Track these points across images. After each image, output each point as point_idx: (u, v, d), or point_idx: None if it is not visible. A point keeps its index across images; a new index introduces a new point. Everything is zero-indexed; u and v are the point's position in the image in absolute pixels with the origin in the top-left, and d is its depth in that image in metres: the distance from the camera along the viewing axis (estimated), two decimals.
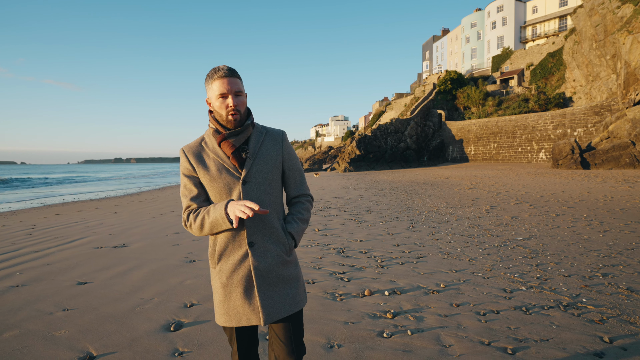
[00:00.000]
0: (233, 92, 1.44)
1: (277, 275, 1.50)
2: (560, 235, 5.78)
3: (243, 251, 1.48)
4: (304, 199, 1.66)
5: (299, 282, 1.57)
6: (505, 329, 2.77)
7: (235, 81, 1.45)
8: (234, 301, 1.47)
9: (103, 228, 8.34)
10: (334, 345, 2.61)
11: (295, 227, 1.57)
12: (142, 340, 2.80)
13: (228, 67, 1.47)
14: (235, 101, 1.45)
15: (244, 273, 1.47)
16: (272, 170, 1.54)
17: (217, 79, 1.44)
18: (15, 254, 5.92)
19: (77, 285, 4.18)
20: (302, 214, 1.62)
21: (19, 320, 3.24)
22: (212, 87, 1.46)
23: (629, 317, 2.87)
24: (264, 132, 1.58)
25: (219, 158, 1.50)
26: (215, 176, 1.48)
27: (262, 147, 1.54)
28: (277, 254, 1.51)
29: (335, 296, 3.54)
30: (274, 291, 1.49)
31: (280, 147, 1.58)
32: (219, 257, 1.50)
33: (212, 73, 1.46)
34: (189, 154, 1.53)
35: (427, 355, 2.43)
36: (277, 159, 1.56)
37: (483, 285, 3.72)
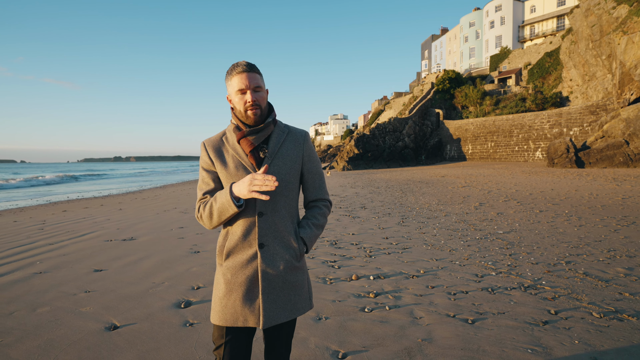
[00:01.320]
0: (252, 87, 1.43)
1: (283, 280, 1.48)
2: (538, 229, 6.23)
3: (253, 251, 1.46)
4: (321, 203, 1.62)
5: (303, 289, 1.54)
6: (470, 305, 3.22)
7: (254, 76, 1.44)
8: (233, 300, 1.46)
9: (110, 223, 8.78)
10: (322, 317, 3.06)
11: (309, 233, 1.53)
12: (157, 314, 3.24)
13: (247, 63, 1.45)
14: (254, 96, 1.43)
15: (249, 273, 1.46)
16: (290, 172, 1.51)
17: (235, 75, 1.43)
18: (31, 246, 6.36)
19: (94, 272, 4.63)
20: (317, 219, 1.57)
21: (48, 299, 3.69)
22: (231, 83, 1.45)
23: (577, 295, 3.32)
24: (285, 132, 1.55)
25: (238, 155, 1.49)
26: (233, 173, 1.48)
27: (282, 147, 1.52)
28: (287, 259, 1.48)
29: (326, 280, 3.99)
30: (278, 295, 1.47)
31: (302, 149, 1.55)
32: (227, 254, 1.49)
33: (231, 69, 1.46)
34: (209, 148, 1.52)
35: (400, 324, 2.88)
36: (296, 160, 1.53)
37: (458, 271, 4.17)
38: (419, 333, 2.74)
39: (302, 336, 2.74)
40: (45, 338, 2.85)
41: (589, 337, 2.58)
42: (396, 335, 2.70)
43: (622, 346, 2.45)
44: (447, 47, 61.16)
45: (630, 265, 4.16)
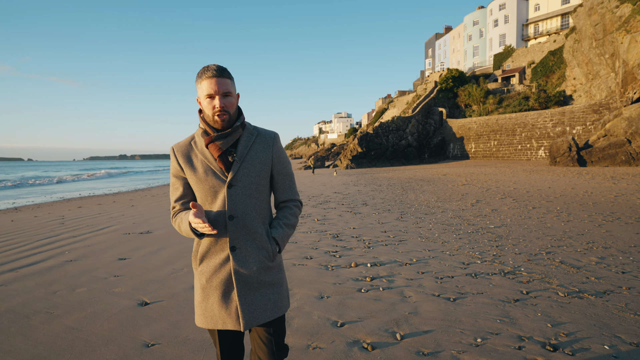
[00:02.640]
0: (221, 92, 1.42)
1: (258, 281, 1.49)
2: (527, 224, 6.65)
3: (225, 255, 1.47)
4: (292, 204, 1.64)
5: (281, 287, 1.56)
6: (454, 287, 3.67)
7: (224, 82, 1.42)
8: (211, 304, 1.48)
9: (125, 218, 9.31)
10: (324, 296, 3.53)
11: (280, 233, 1.55)
12: (180, 294, 3.73)
13: (218, 67, 1.43)
14: (223, 102, 1.43)
15: (223, 277, 1.47)
16: (260, 175, 1.52)
17: (205, 79, 1.42)
18: (57, 238, 6.90)
19: (119, 260, 5.14)
20: (288, 219, 1.60)
21: (83, 282, 4.20)
22: (200, 86, 1.44)
23: (549, 279, 3.76)
24: (254, 134, 1.55)
25: (207, 160, 1.49)
26: (202, 178, 1.48)
27: (251, 150, 1.52)
28: (259, 260, 1.49)
29: (328, 267, 4.46)
30: (255, 296, 1.48)
31: (271, 151, 1.56)
32: (200, 258, 1.51)
33: (201, 72, 1.44)
34: (178, 153, 1.52)
35: (391, 302, 3.35)
36: (266, 162, 1.54)
37: (447, 260, 4.62)
38: (406, 308, 3.20)
39: (307, 310, 3.21)
40: (88, 311, 3.35)
41: (550, 311, 3.02)
42: (387, 310, 3.17)
43: (576, 317, 2.89)
44: (450, 46, 61.24)
45: (603, 255, 4.59)
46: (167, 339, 2.78)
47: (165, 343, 2.71)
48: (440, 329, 2.79)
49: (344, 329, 2.84)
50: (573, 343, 2.51)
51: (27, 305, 3.53)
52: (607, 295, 3.30)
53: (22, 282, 4.25)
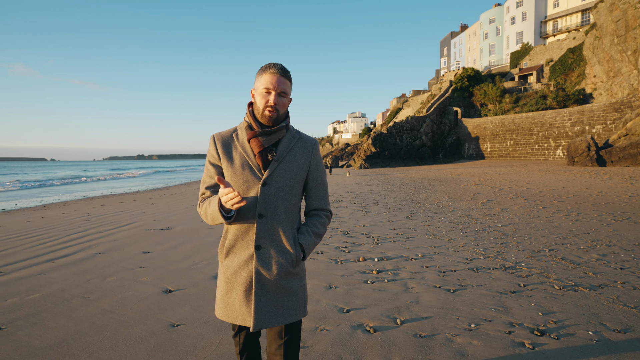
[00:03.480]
0: (278, 90, 1.45)
1: (277, 285, 1.48)
2: (535, 223, 6.76)
3: (250, 252, 1.48)
4: (322, 213, 1.63)
5: (298, 296, 1.54)
6: (455, 280, 3.89)
7: (284, 81, 1.46)
8: (233, 299, 1.49)
9: (146, 216, 9.78)
10: (333, 287, 3.81)
11: (308, 240, 1.54)
12: (201, 283, 4.07)
13: (283, 67, 1.48)
14: (277, 100, 1.45)
15: (247, 274, 1.48)
16: (295, 178, 1.52)
17: (268, 73, 1.45)
18: (84, 233, 7.38)
19: (143, 254, 5.53)
20: (317, 228, 1.58)
21: (112, 272, 4.59)
22: (261, 79, 1.47)
23: (547, 274, 3.94)
24: (296, 138, 1.57)
25: (246, 154, 1.50)
26: (238, 171, 1.49)
27: (290, 152, 1.53)
28: (282, 263, 1.49)
29: (337, 261, 4.73)
30: (270, 299, 1.47)
31: (310, 157, 1.57)
32: (227, 252, 1.52)
33: (266, 67, 1.47)
34: (218, 142, 1.53)
35: (395, 292, 3.59)
36: (303, 167, 1.54)
37: (452, 255, 4.83)
38: (408, 298, 3.44)
39: (316, 298, 3.49)
40: (119, 297, 3.71)
41: (543, 302, 3.22)
42: (390, 299, 3.42)
43: (567, 307, 3.08)
44: (466, 44, 60.51)
45: (605, 252, 4.71)
46: (190, 320, 3.10)
47: (188, 324, 3.03)
48: (438, 316, 3.02)
49: (349, 315, 3.11)
50: (560, 329, 2.72)
51: (65, 291, 3.92)
52: (601, 289, 3.46)
53: (58, 272, 4.67)
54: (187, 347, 2.65)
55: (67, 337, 2.85)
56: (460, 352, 2.47)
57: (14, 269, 4.83)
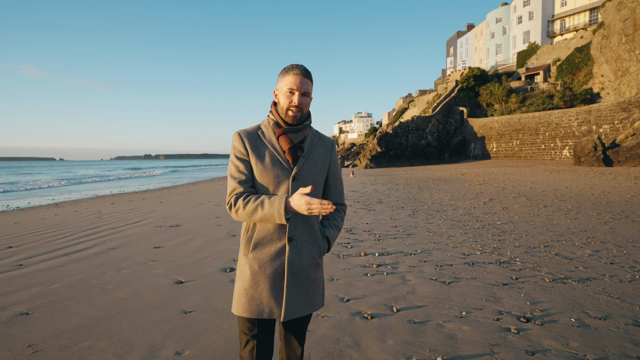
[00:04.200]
0: (302, 90, 1.51)
1: (306, 276, 1.54)
2: (534, 221, 6.91)
3: (281, 244, 1.51)
4: (341, 207, 1.73)
5: (320, 286, 1.62)
6: (451, 273, 4.08)
7: (306, 82, 1.53)
8: (260, 292, 1.50)
9: (156, 214, 10.08)
10: (335, 279, 4.02)
11: (332, 233, 1.64)
12: (210, 275, 4.31)
13: (305, 68, 1.54)
14: (301, 100, 1.51)
15: (277, 266, 1.51)
16: (319, 174, 1.60)
17: (292, 74, 1.51)
18: (97, 230, 7.68)
19: (154, 249, 5.79)
20: (338, 222, 1.69)
21: (126, 265, 4.85)
22: (284, 80, 1.53)
23: (540, 268, 4.12)
24: (317, 136, 1.66)
25: (275, 150, 1.55)
26: (268, 167, 1.53)
27: (314, 149, 1.61)
28: (312, 255, 1.56)
29: (340, 256, 4.94)
30: (299, 290, 1.53)
31: (330, 154, 1.66)
32: (254, 245, 1.53)
33: (289, 68, 1.53)
34: (245, 138, 1.57)
35: (393, 284, 3.80)
36: (325, 164, 1.63)
37: (450, 251, 5.02)
38: (405, 289, 3.65)
39: None
40: (134, 287, 3.97)
41: (532, 293, 3.40)
42: (388, 290, 3.63)
43: (554, 298, 3.27)
44: (473, 44, 60.30)
45: (599, 248, 4.87)
46: (201, 308, 3.34)
47: (199, 311, 3.27)
48: (432, 305, 3.22)
49: (349, 304, 3.32)
50: (545, 316, 2.90)
51: (83, 282, 4.19)
52: (589, 282, 3.64)
53: (76, 265, 4.94)
54: (198, 331, 2.88)
55: (89, 322, 3.10)
56: (450, 336, 2.67)
57: (34, 262, 5.11)
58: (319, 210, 1.36)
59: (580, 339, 2.54)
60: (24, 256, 5.47)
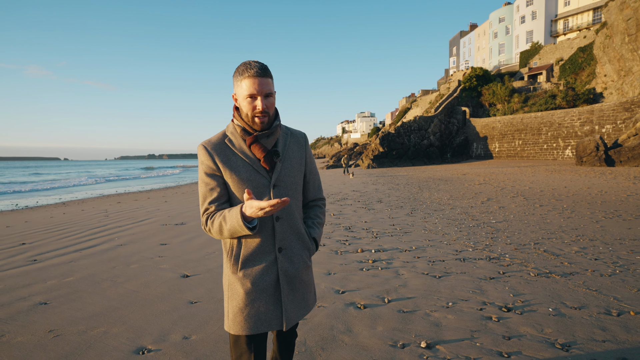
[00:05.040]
0: (263, 93, 1.38)
1: (300, 280, 1.52)
2: (528, 220, 7.11)
3: (271, 257, 1.46)
4: (321, 202, 1.68)
5: (312, 286, 1.61)
6: (442, 268, 4.30)
7: (266, 82, 1.38)
8: (257, 307, 1.45)
9: (161, 212, 10.35)
10: (332, 273, 4.25)
11: (318, 232, 1.60)
12: (215, 270, 4.55)
13: (260, 66, 1.38)
14: (265, 103, 1.39)
15: (271, 279, 1.46)
16: (298, 175, 1.53)
17: (247, 78, 1.36)
18: (105, 228, 7.95)
19: (160, 246, 6.05)
20: (320, 219, 1.65)
21: (135, 260, 5.11)
22: (241, 84, 1.38)
23: (527, 264, 4.33)
24: (288, 134, 1.56)
25: (248, 160, 1.44)
26: (245, 179, 1.43)
27: (288, 150, 1.52)
28: (303, 260, 1.53)
29: (337, 252, 5.17)
30: (295, 296, 1.51)
31: (304, 151, 1.58)
32: (243, 262, 1.46)
33: (242, 69, 1.38)
34: (213, 152, 1.44)
35: (386, 277, 4.03)
36: (301, 162, 1.55)
37: (443, 248, 5.23)
38: (397, 282, 3.87)
39: (316, 282, 3.94)
40: (142, 280, 4.22)
41: (517, 286, 3.62)
42: (381, 283, 3.85)
43: (536, 290, 3.48)
44: (475, 44, 60.29)
45: (586, 246, 5.07)
46: (206, 299, 3.58)
47: (204, 301, 3.51)
48: (421, 296, 3.45)
49: (344, 295, 3.55)
50: (525, 307, 3.12)
51: (95, 275, 4.45)
52: (572, 276, 3.84)
53: (87, 260, 5.21)
54: (204, 319, 3.12)
55: (103, 310, 3.35)
56: (435, 323, 2.89)
57: (47, 258, 5.39)
58: (272, 211, 1.24)
59: (554, 326, 2.75)
60: (37, 252, 5.74)
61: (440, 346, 2.54)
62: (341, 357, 2.46)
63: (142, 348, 2.66)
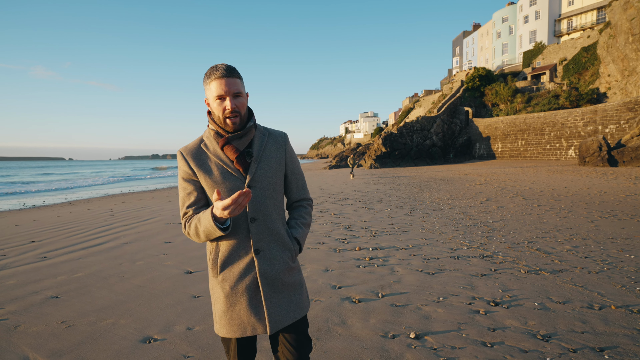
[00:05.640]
0: (231, 93, 1.40)
1: (282, 282, 1.49)
2: (524, 220, 7.23)
3: (248, 259, 1.46)
4: (305, 203, 1.66)
5: (302, 288, 1.57)
6: (436, 265, 4.45)
7: (234, 82, 1.40)
8: (238, 311, 1.45)
9: (165, 211, 10.55)
10: (329, 270, 4.42)
11: (300, 233, 1.57)
12: None
13: (227, 66, 1.41)
14: (234, 103, 1.40)
15: (249, 282, 1.45)
16: (276, 175, 1.53)
17: (214, 79, 1.39)
18: (111, 227, 8.16)
19: (165, 244, 6.24)
20: (305, 219, 1.62)
21: (140, 257, 5.30)
22: (209, 87, 1.41)
23: (519, 261, 4.47)
24: (266, 135, 1.56)
25: (222, 162, 1.46)
26: (219, 181, 1.45)
27: (265, 150, 1.52)
28: (284, 261, 1.50)
29: (336, 250, 5.33)
30: (279, 298, 1.48)
31: (284, 151, 1.57)
32: (221, 265, 1.47)
33: (209, 73, 1.41)
34: (189, 157, 1.47)
35: (382, 274, 4.18)
36: (280, 162, 1.55)
37: (439, 246, 5.38)
38: (392, 278, 4.03)
39: (314, 278, 4.11)
40: (148, 276, 4.40)
41: (507, 282, 3.76)
42: (376, 279, 4.01)
43: (524, 286, 3.62)
44: (479, 44, 60.21)
45: (578, 244, 5.19)
46: (208, 293, 3.75)
47: (207, 296, 3.69)
48: (414, 292, 3.60)
49: (340, 290, 3.71)
50: (512, 301, 3.27)
51: (103, 271, 4.64)
52: (561, 273, 3.98)
53: (94, 257, 5.40)
54: (207, 311, 3.29)
55: (111, 303, 3.54)
56: (425, 316, 3.05)
57: (56, 255, 5.59)
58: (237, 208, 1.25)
59: (537, 319, 2.90)
60: (46, 249, 5.95)
61: (428, 337, 2.69)
62: (335, 346, 2.62)
63: (149, 337, 2.83)
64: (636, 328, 2.68)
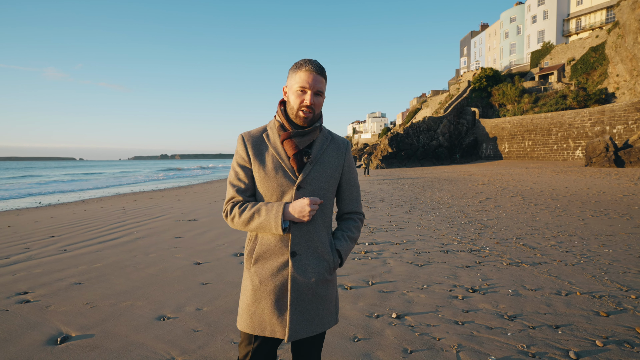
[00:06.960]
0: (315, 89, 1.40)
1: (314, 293, 1.43)
2: (518, 218, 7.51)
3: (284, 259, 1.41)
4: (356, 216, 1.58)
5: (332, 303, 1.50)
6: (426, 258, 4.78)
7: (320, 80, 1.41)
8: (262, 308, 1.42)
9: (174, 210, 11.01)
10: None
11: (345, 246, 1.49)
12: (223, 259, 5.12)
13: (319, 64, 1.42)
14: (313, 99, 1.40)
15: (279, 282, 1.41)
16: (330, 181, 1.48)
17: (304, 71, 1.39)
18: (124, 223, 8.62)
19: (175, 238, 6.66)
20: (352, 232, 1.54)
21: (153, 250, 5.72)
22: (295, 76, 1.41)
23: (504, 255, 4.78)
24: (329, 138, 1.53)
25: (279, 156, 1.44)
26: (271, 174, 1.42)
27: (324, 153, 1.48)
28: (319, 271, 1.43)
29: None
30: (306, 308, 1.42)
31: (343, 158, 1.53)
32: (256, 258, 1.44)
33: (301, 63, 1.41)
34: (249, 143, 1.46)
35: (374, 265, 4.53)
36: (337, 169, 1.50)
37: (431, 241, 5.71)
38: (383, 269, 4.38)
39: None
40: (160, 267, 4.81)
41: (487, 273, 4.09)
42: (368, 270, 4.36)
43: (503, 276, 3.95)
44: (486, 44, 60.01)
45: (563, 240, 5.48)
46: (215, 281, 4.15)
47: (214, 283, 4.08)
48: (401, 280, 3.95)
49: None
50: (489, 289, 3.60)
51: (119, 262, 5.06)
52: (540, 265, 4.29)
53: (110, 250, 5.84)
54: (213, 296, 3.68)
55: (128, 289, 3.95)
56: (408, 300, 3.40)
57: (75, 248, 6.04)
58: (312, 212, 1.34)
59: (508, 303, 3.23)
60: (66, 243, 6.41)
61: (408, 317, 3.04)
62: None
63: (163, 316, 3.23)
64: (593, 310, 2.99)
